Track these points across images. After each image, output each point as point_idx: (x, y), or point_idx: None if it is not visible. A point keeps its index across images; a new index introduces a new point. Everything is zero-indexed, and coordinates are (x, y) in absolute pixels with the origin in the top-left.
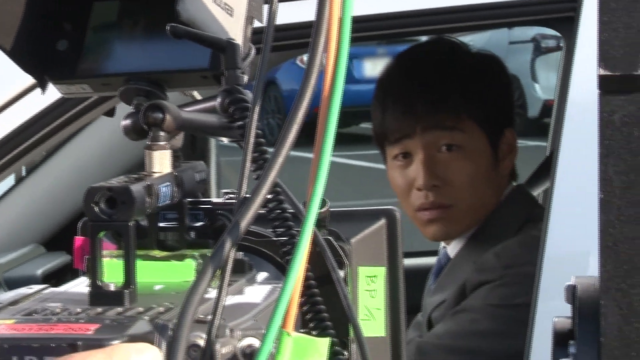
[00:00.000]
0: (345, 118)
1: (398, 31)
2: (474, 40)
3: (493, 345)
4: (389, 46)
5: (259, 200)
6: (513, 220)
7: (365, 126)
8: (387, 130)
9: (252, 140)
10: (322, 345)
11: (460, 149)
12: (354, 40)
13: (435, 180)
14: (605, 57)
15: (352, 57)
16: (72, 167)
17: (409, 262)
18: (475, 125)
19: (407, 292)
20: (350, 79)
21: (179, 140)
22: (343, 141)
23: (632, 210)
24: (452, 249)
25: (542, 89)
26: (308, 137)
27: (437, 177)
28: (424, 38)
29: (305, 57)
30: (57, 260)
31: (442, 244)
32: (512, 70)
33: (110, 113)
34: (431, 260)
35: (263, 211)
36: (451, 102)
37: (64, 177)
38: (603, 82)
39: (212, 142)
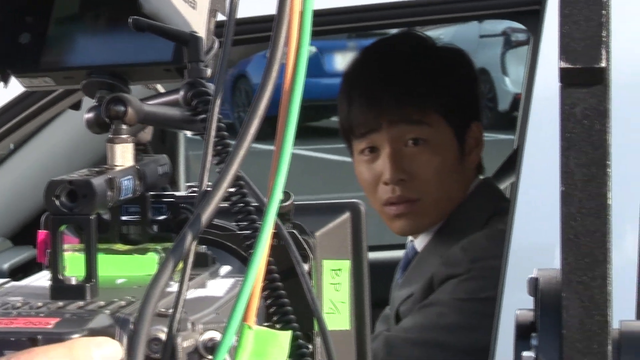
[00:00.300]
0: (316, 111)
1: (366, 24)
2: (445, 34)
3: (460, 339)
4: (359, 40)
5: (220, 192)
6: (480, 214)
7: (336, 119)
8: (353, 123)
9: (213, 132)
10: (284, 338)
11: (427, 142)
12: (322, 33)
13: (402, 174)
14: (566, 49)
15: (322, 51)
16: (39, 160)
17: (376, 255)
18: (441, 119)
19: (374, 286)
20: (320, 72)
21: (147, 134)
22: (313, 134)
23: (593, 203)
24: (419, 242)
25: (512, 82)
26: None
27: (404, 171)
28: (393, 31)
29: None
30: (24, 254)
31: (410, 237)
32: (482, 64)
33: (76, 106)
34: (398, 254)
35: (226, 204)
36: (417, 95)
37: (31, 171)
38: (564, 75)
39: (182, 136)
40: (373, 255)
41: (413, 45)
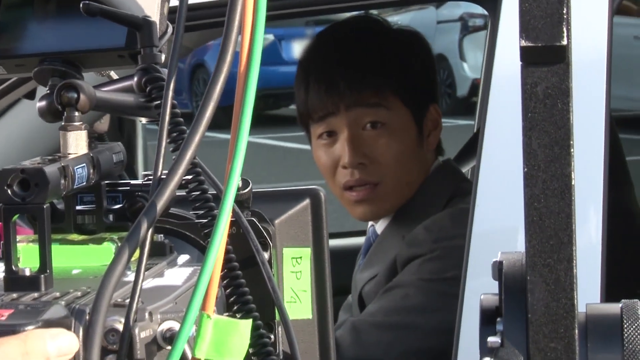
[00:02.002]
0: (275, 99)
1: (322, 7)
2: (402, 19)
3: (426, 320)
4: (317, 27)
5: (176, 178)
6: (440, 194)
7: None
8: (310, 109)
9: (167, 117)
10: (244, 327)
11: (385, 126)
12: (278, 17)
13: (361, 158)
14: (526, 27)
15: (280, 39)
16: None
17: (338, 242)
18: (399, 102)
19: (336, 274)
20: (278, 60)
21: (105, 124)
22: (272, 123)
23: (557, 184)
24: (379, 226)
25: (470, 68)
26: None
27: (363, 154)
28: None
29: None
30: None
31: (370, 222)
32: (440, 50)
33: (31, 95)
34: (359, 241)
35: (184, 193)
36: (373, 78)
37: None
38: (525, 53)
39: (139, 125)
40: (334, 242)
41: (368, 28)
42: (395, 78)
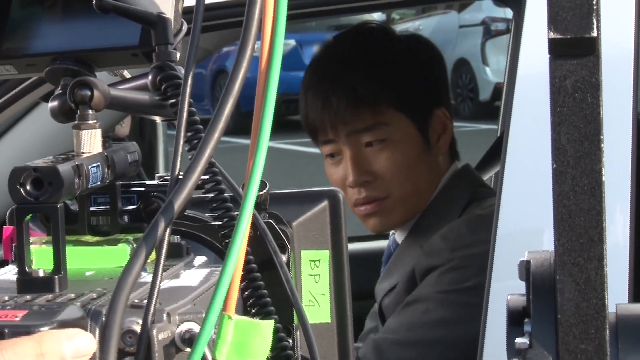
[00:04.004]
0: (296, 105)
1: (344, 6)
2: (424, 24)
3: (448, 333)
4: (338, 32)
5: (193, 179)
6: (457, 201)
7: None
8: (312, 127)
9: (185, 115)
10: (267, 328)
11: (387, 141)
12: (300, 17)
13: (365, 176)
14: (555, 19)
15: (302, 44)
16: (13, 155)
17: (361, 246)
18: (397, 114)
19: (361, 277)
20: (299, 65)
21: (126, 128)
22: (294, 128)
23: (587, 180)
24: (399, 235)
25: (492, 72)
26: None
27: (367, 172)
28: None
29: (258, 44)
30: None
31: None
32: (462, 54)
33: (48, 98)
34: (383, 244)
35: (200, 195)
36: (368, 96)
37: (4, 166)
38: (554, 45)
39: (161, 130)
40: (358, 246)
41: (363, 42)
42: (388, 90)
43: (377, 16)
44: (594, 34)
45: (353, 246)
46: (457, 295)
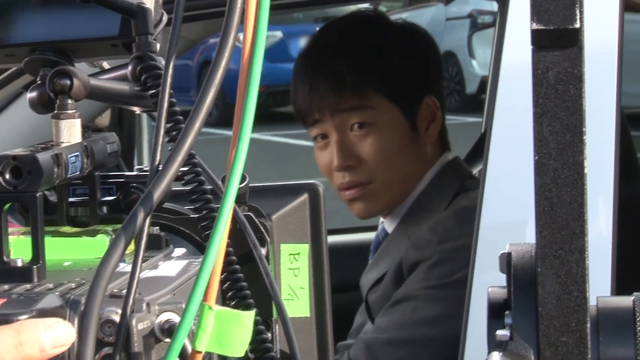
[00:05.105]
0: (282, 97)
1: None
2: (411, 16)
3: (439, 330)
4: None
5: (173, 169)
6: (445, 193)
7: None
8: (301, 112)
9: (165, 105)
10: (247, 318)
11: (373, 125)
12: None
13: (349, 161)
14: (538, 10)
15: (289, 36)
16: None
17: (349, 238)
18: (383, 99)
19: (348, 269)
20: (286, 57)
21: (105, 119)
22: (280, 120)
23: (569, 172)
24: (388, 224)
25: (479, 65)
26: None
27: (351, 156)
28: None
29: (241, 36)
30: None
31: (381, 218)
32: (449, 47)
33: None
34: (371, 236)
35: (179, 188)
36: (353, 80)
37: None
38: (536, 37)
39: (144, 123)
40: (345, 238)
41: (353, 28)
42: (374, 75)
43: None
44: (577, 25)
45: (342, 238)
46: (446, 290)
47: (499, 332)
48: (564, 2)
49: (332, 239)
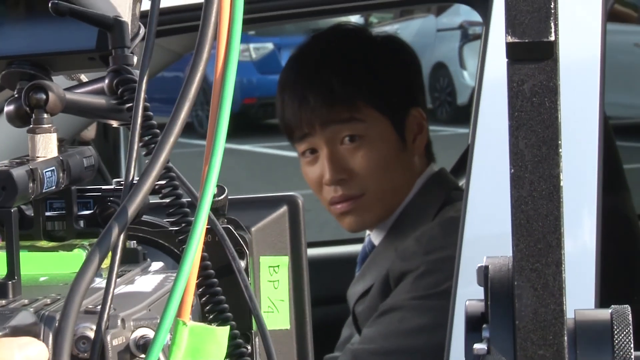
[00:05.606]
0: (273, 108)
1: (318, 9)
2: (402, 27)
3: (426, 340)
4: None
5: (148, 183)
6: (431, 204)
7: None
8: (288, 127)
9: (139, 119)
10: (222, 334)
11: (363, 138)
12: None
13: (341, 174)
14: (513, 23)
15: (279, 48)
16: None
17: (335, 250)
18: (373, 111)
19: (339, 281)
20: (277, 69)
21: (91, 131)
22: (271, 132)
23: (545, 185)
24: (375, 236)
25: (470, 76)
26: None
27: (343, 170)
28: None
29: None
30: None
31: (367, 231)
32: (440, 58)
33: None
34: (358, 248)
35: (157, 201)
36: (343, 93)
37: None
38: (511, 50)
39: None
40: (337, 249)
41: (338, 41)
42: (365, 88)
43: (355, 20)
44: (552, 38)
45: (329, 250)
46: (433, 300)
47: (477, 346)
48: (538, 15)
49: (319, 251)
